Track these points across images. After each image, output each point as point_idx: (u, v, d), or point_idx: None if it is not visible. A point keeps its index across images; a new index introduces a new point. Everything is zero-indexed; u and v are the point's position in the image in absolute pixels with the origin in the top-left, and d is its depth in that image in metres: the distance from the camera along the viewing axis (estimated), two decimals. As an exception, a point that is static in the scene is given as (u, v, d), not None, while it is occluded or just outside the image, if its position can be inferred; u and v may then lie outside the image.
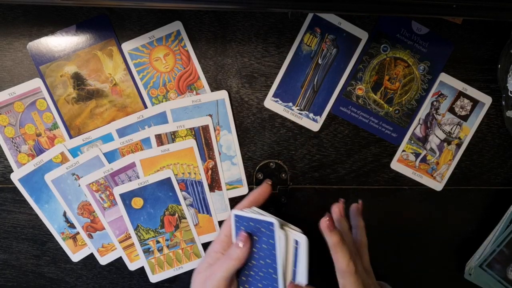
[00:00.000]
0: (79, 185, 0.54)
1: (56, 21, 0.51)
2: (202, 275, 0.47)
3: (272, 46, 0.53)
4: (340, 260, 0.43)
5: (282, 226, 0.43)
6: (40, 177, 0.53)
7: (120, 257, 0.56)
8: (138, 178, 0.54)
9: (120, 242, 0.56)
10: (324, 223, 0.43)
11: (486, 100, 0.56)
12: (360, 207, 0.51)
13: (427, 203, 0.59)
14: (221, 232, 0.49)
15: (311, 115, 0.55)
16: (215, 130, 0.55)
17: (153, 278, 0.57)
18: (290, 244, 0.43)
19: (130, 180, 0.54)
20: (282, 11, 0.50)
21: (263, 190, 0.51)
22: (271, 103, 0.55)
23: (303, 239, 0.42)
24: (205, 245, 0.57)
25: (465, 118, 0.56)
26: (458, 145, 0.57)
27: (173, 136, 0.54)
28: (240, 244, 0.45)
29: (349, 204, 0.56)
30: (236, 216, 0.46)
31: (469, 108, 0.56)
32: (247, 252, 0.45)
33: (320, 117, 0.55)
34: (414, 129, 0.56)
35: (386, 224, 0.53)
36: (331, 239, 0.43)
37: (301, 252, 0.42)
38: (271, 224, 0.43)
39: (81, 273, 0.57)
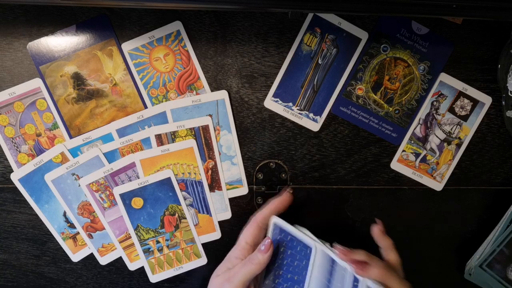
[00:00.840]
0: (79, 185, 0.54)
1: (56, 21, 0.51)
2: (220, 278, 0.46)
3: (272, 46, 0.53)
4: (393, 259, 0.48)
5: (322, 250, 0.43)
6: (40, 177, 0.53)
7: (120, 257, 0.56)
8: (138, 178, 0.54)
9: (120, 242, 0.56)
10: (376, 228, 0.49)
11: (486, 100, 0.56)
12: (381, 227, 0.51)
13: (427, 203, 0.59)
14: (241, 239, 0.48)
15: (311, 115, 0.55)
16: (215, 130, 0.55)
17: (153, 278, 0.57)
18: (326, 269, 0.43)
19: (130, 180, 0.54)
20: (282, 11, 0.50)
21: (284, 199, 0.50)
22: (271, 103, 0.55)
23: (348, 268, 0.42)
24: (205, 245, 0.57)
25: (465, 118, 0.56)
26: (458, 145, 0.57)
27: (173, 136, 0.54)
28: (263, 249, 0.45)
29: (350, 204, 0.56)
30: (276, 224, 0.46)
31: (469, 108, 0.56)
32: (269, 259, 0.45)
33: (320, 117, 0.55)
34: (414, 129, 0.56)
35: (386, 224, 0.53)
36: (386, 242, 0.49)
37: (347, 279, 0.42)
38: (310, 248, 0.43)
39: (81, 273, 0.57)
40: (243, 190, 0.56)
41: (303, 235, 0.45)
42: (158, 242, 0.56)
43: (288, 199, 0.50)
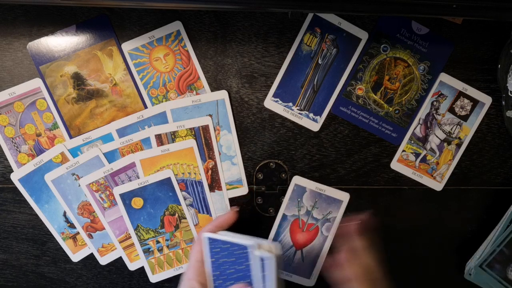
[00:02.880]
0: (79, 185, 0.54)
1: (56, 21, 0.51)
2: None
3: (272, 46, 0.53)
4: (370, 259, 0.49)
5: (257, 247, 0.43)
6: (40, 177, 0.53)
7: (120, 257, 0.56)
8: (138, 178, 0.54)
9: (120, 242, 0.56)
10: (353, 226, 0.49)
11: (486, 100, 0.56)
12: (359, 224, 0.52)
13: (427, 203, 0.59)
14: (191, 259, 0.48)
15: (311, 115, 0.55)
16: (215, 130, 0.55)
17: (153, 278, 0.57)
18: (258, 263, 0.43)
19: (130, 180, 0.54)
20: (282, 11, 0.50)
21: (229, 216, 0.50)
22: (271, 103, 0.55)
23: (272, 257, 0.42)
24: (205, 245, 0.58)
25: (465, 118, 0.56)
26: (458, 145, 0.57)
27: (173, 136, 0.54)
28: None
29: (350, 204, 0.56)
30: (210, 239, 0.46)
31: (469, 108, 0.56)
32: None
33: (320, 117, 0.55)
34: (414, 129, 0.56)
35: (386, 224, 0.53)
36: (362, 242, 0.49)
37: (269, 269, 0.43)
38: (245, 247, 0.43)
39: (81, 273, 0.57)
40: (243, 190, 0.56)
41: (235, 238, 0.45)
42: (158, 242, 0.56)
43: (233, 217, 0.50)
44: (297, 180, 0.55)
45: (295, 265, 0.57)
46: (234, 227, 0.57)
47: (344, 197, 0.56)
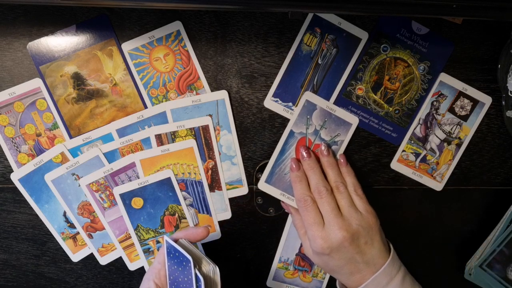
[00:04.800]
0: (79, 185, 0.54)
1: (56, 21, 0.51)
2: None
3: (272, 46, 0.53)
4: (295, 194, 0.53)
5: (194, 265, 0.43)
6: (40, 177, 0.53)
7: (120, 257, 0.56)
8: (138, 178, 0.54)
9: (120, 242, 0.56)
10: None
11: (486, 100, 0.56)
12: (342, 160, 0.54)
13: (427, 203, 0.59)
14: (155, 259, 0.48)
15: (311, 115, 0.55)
16: (215, 130, 0.55)
17: (153, 278, 0.57)
18: (194, 281, 0.44)
19: (130, 180, 0.54)
20: (282, 11, 0.50)
21: (201, 231, 0.49)
22: (271, 103, 0.55)
23: (201, 281, 0.42)
24: (205, 245, 0.57)
25: (465, 118, 0.56)
26: (458, 145, 0.57)
27: (173, 136, 0.54)
28: None
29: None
30: (167, 243, 0.46)
31: (469, 108, 0.56)
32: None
33: (320, 117, 0.55)
34: (414, 129, 0.56)
35: (386, 224, 0.53)
36: (291, 176, 0.54)
37: None
38: (189, 261, 0.43)
39: (81, 273, 0.57)
40: (243, 190, 0.57)
41: (184, 248, 0.45)
42: (158, 242, 0.56)
43: (204, 234, 0.49)
44: (308, 96, 0.54)
45: None
46: (234, 227, 0.57)
47: (353, 120, 0.55)
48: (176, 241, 0.47)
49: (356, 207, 0.51)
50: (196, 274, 0.43)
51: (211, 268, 0.45)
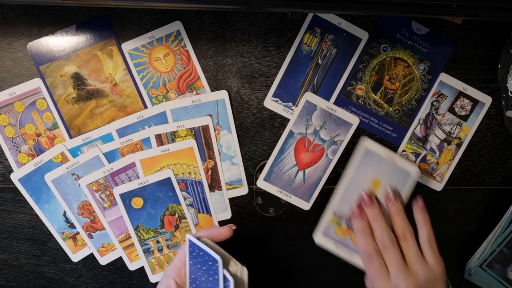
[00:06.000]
0: (79, 185, 0.54)
1: (56, 21, 0.51)
2: None
3: (272, 46, 0.53)
4: (358, 245, 0.50)
5: (222, 265, 0.43)
6: (40, 177, 0.53)
7: (120, 257, 0.56)
8: (138, 178, 0.54)
9: (120, 242, 0.56)
10: (416, 204, 0.51)
11: (486, 100, 0.56)
12: (421, 203, 0.52)
13: (427, 203, 0.58)
14: (175, 257, 0.48)
15: (311, 115, 0.55)
16: (215, 130, 0.55)
17: (153, 278, 0.57)
18: (221, 282, 0.43)
19: (130, 180, 0.54)
20: (282, 11, 0.50)
21: (225, 231, 0.49)
22: (271, 103, 0.55)
23: (231, 282, 0.42)
24: (205, 245, 0.57)
25: (465, 118, 0.56)
26: (458, 145, 0.57)
27: (173, 136, 0.54)
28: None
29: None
30: (190, 241, 0.46)
31: (469, 108, 0.56)
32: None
33: (320, 117, 0.55)
34: (414, 129, 0.56)
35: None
36: (354, 226, 0.51)
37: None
38: (216, 261, 0.43)
39: (81, 273, 0.57)
40: (243, 190, 0.57)
41: (210, 248, 0.45)
42: (158, 242, 0.56)
43: (227, 234, 0.48)
44: (308, 96, 0.54)
45: (295, 186, 0.56)
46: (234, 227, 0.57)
47: (354, 120, 0.55)
48: (198, 240, 0.47)
49: (424, 258, 0.49)
50: (224, 275, 0.42)
51: (238, 268, 0.45)
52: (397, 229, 0.50)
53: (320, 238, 0.54)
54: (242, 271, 0.45)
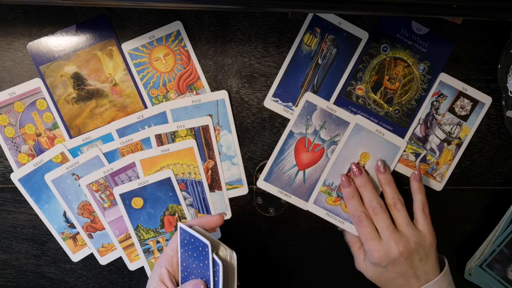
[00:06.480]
0: (79, 185, 0.54)
1: (56, 21, 0.51)
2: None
3: (272, 46, 0.53)
4: (349, 210, 0.53)
5: (214, 250, 0.43)
6: (40, 177, 0.53)
7: (120, 257, 0.56)
8: (138, 178, 0.54)
9: (120, 242, 0.56)
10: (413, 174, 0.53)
11: (486, 100, 0.56)
12: (418, 174, 0.54)
13: (427, 203, 0.58)
14: (168, 247, 0.48)
15: (311, 115, 0.55)
16: (215, 130, 0.55)
17: (153, 278, 0.57)
18: (211, 266, 0.44)
19: (130, 180, 0.54)
20: (282, 11, 0.50)
21: (216, 219, 0.49)
22: (271, 103, 0.55)
23: (219, 265, 0.42)
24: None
25: (465, 118, 0.56)
26: (458, 145, 0.57)
27: (173, 136, 0.54)
28: None
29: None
30: (181, 228, 0.46)
31: (469, 108, 0.56)
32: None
33: (320, 117, 0.55)
34: (414, 129, 0.56)
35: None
36: (343, 192, 0.53)
37: (218, 276, 0.43)
38: (206, 246, 0.43)
39: (81, 273, 0.57)
40: (243, 190, 0.57)
41: (200, 234, 0.45)
42: (158, 242, 0.56)
43: (218, 221, 0.49)
44: (308, 96, 0.54)
45: (295, 186, 0.56)
46: (234, 227, 0.57)
47: (353, 119, 0.55)
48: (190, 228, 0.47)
49: (414, 225, 0.51)
50: (213, 259, 0.43)
51: (228, 253, 0.45)
52: (387, 197, 0.53)
53: (311, 207, 0.56)
54: (231, 256, 0.45)
